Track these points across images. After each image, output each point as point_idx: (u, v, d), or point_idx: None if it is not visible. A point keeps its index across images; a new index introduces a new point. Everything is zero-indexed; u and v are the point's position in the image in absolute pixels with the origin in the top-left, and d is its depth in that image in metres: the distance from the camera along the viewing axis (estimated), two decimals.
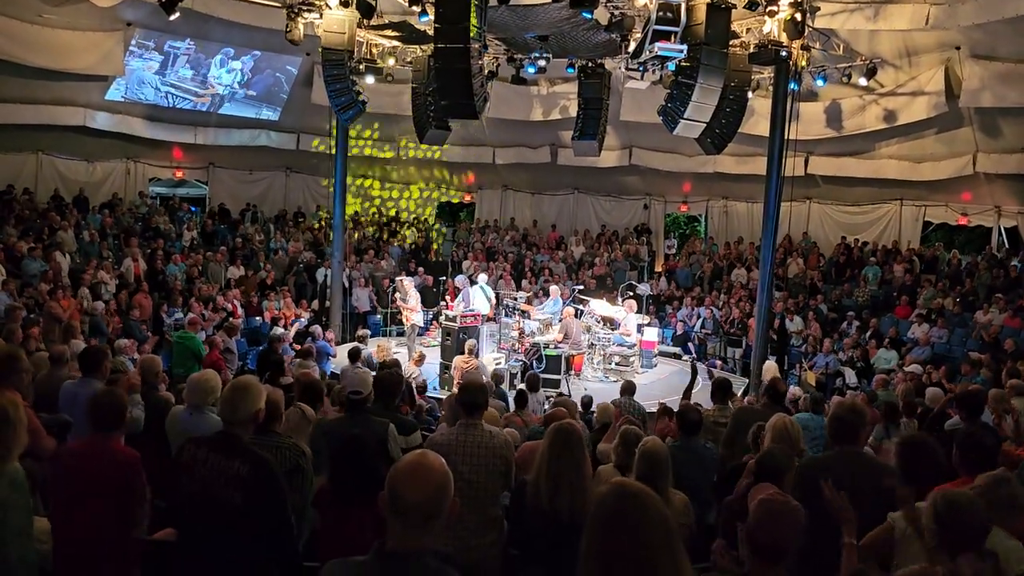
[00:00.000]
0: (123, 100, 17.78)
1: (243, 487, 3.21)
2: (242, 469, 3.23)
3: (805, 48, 12.95)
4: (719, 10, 11.16)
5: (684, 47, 11.24)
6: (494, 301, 14.86)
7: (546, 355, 12.75)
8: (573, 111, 17.05)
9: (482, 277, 15.45)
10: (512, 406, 8.81)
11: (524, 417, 8.04)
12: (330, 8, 13.02)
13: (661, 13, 11.11)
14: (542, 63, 15.26)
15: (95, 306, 12.75)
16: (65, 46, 15.35)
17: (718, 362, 16.08)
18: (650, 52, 11.63)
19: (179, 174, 20.83)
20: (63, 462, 3.74)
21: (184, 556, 3.42)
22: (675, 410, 6.19)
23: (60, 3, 13.83)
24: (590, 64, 15.64)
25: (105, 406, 3.78)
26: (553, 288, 15.80)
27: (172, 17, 12.92)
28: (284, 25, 13.71)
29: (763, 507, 2.69)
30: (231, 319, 13.39)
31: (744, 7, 11.87)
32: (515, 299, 15.43)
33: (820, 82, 15.35)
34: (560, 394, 10.76)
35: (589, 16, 12.21)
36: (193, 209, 20.54)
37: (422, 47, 15.27)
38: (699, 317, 17.14)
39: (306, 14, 13.60)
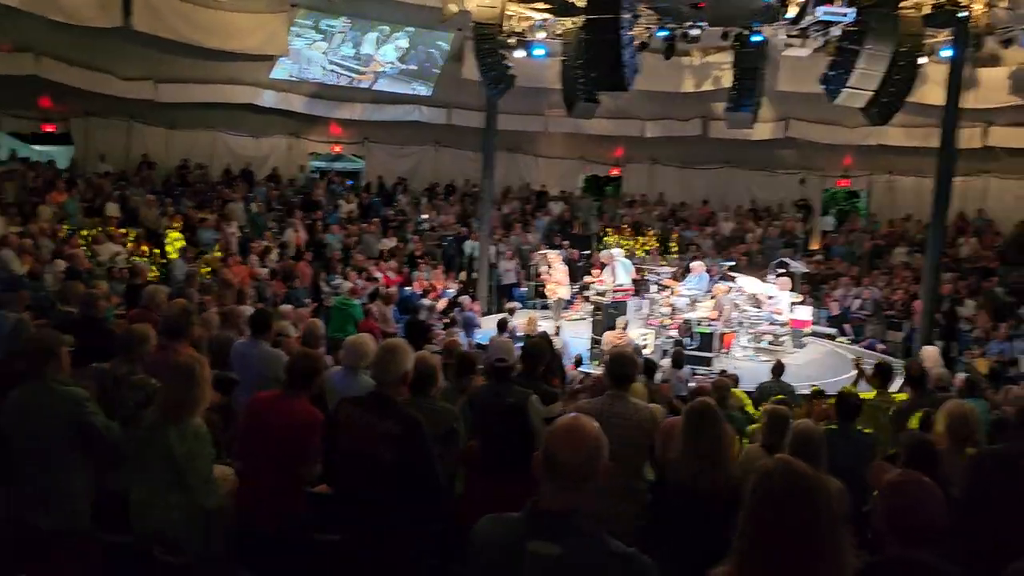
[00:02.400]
0: (289, 79, 18.73)
1: (395, 445, 3.33)
2: (394, 428, 3.35)
3: (989, 6, 11.84)
4: None
5: (850, 10, 10.59)
6: (634, 275, 14.69)
7: (698, 332, 12.46)
8: (726, 82, 16.45)
9: (618, 251, 15.26)
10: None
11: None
12: None
13: None
14: (695, 32, 14.76)
15: (260, 272, 13.63)
16: (236, 28, 16.28)
17: (879, 344, 15.20)
18: (813, 17, 11.03)
19: (336, 149, 21.82)
20: (254, 413, 3.99)
21: (340, 508, 3.60)
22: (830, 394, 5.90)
23: None
24: (746, 32, 14.99)
25: (299, 369, 3.99)
26: (695, 264, 15.36)
27: None
28: (438, 1, 13.98)
29: (892, 486, 2.54)
30: (387, 288, 13.93)
31: None
32: (658, 274, 15.17)
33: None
34: (723, 372, 10.46)
35: None
36: (349, 182, 21.46)
37: (572, 19, 15.16)
38: (858, 298, 16.22)
39: None
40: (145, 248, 13.42)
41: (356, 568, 3.49)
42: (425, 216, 19.76)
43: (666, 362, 10.40)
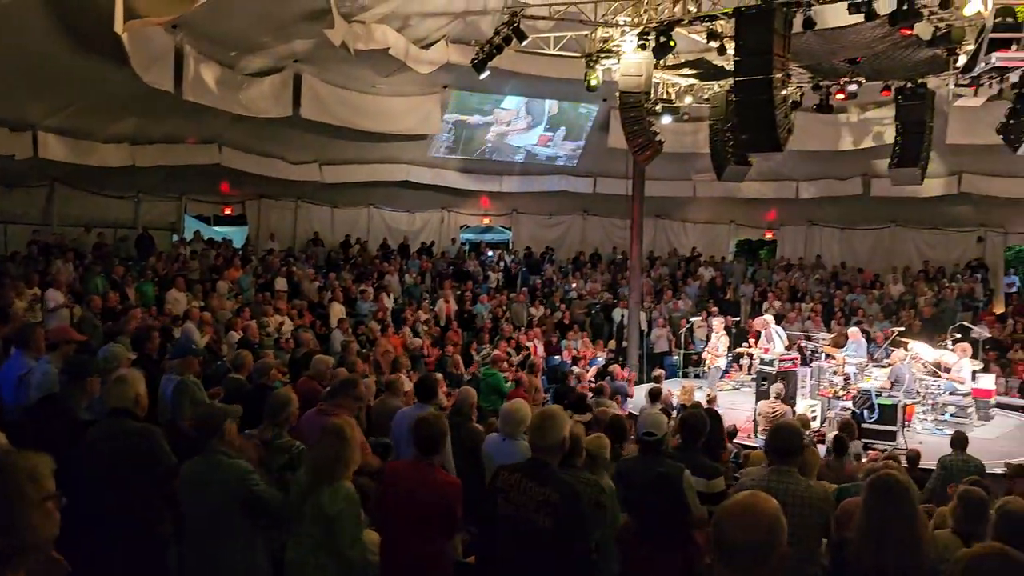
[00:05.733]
0: (439, 156, 19.53)
1: (554, 513, 3.30)
2: (552, 496, 3.32)
3: None
4: None
5: None
6: (787, 342, 13.97)
7: (880, 404, 11.55)
8: (888, 137, 15.68)
9: (770, 317, 14.58)
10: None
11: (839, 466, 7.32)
12: (627, 53, 13.26)
13: (999, 19, 9.78)
14: (853, 88, 14.18)
15: (415, 342, 14.00)
16: (391, 111, 17.27)
17: None
18: (985, 64, 10.28)
19: (486, 221, 22.43)
20: (391, 481, 4.01)
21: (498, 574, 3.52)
22: None
23: (390, 74, 15.61)
24: (909, 84, 14.24)
25: (427, 431, 4.00)
26: (852, 330, 14.48)
27: (482, 76, 14.03)
28: (582, 74, 14.23)
29: None
30: (533, 358, 13.93)
31: None
32: (815, 342, 14.32)
33: None
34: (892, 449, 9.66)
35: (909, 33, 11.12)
36: (490, 254, 21.93)
37: (719, 83, 14.99)
38: None
39: (604, 61, 14.00)
40: (306, 320, 14.13)
41: None
42: (573, 284, 19.79)
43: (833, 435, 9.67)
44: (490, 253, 22.01)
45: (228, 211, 18.84)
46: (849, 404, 11.94)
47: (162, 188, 16.89)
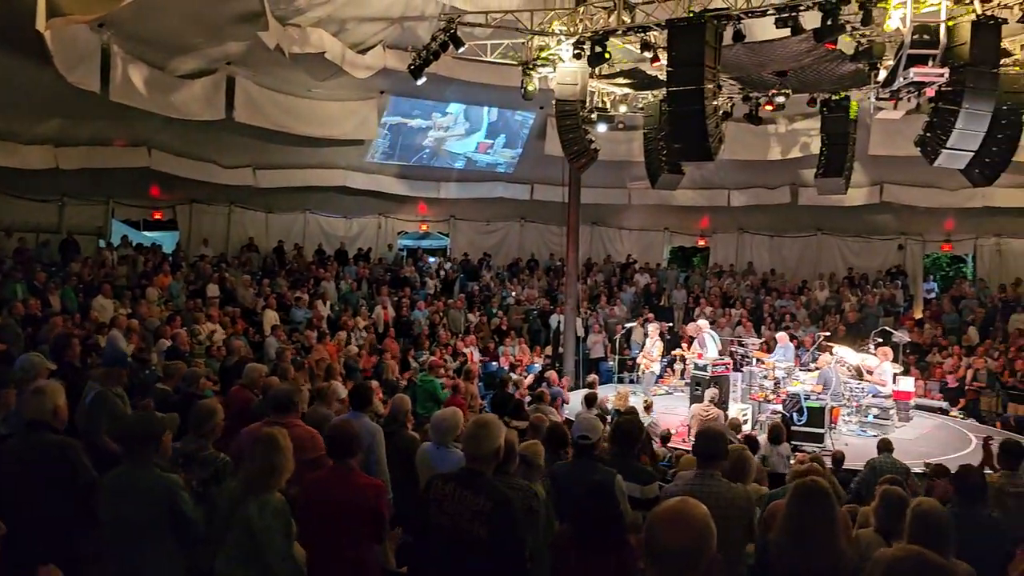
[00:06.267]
0: (376, 161, 19.39)
1: (488, 522, 3.31)
2: (486, 505, 3.34)
3: None
4: (986, 26, 10.02)
5: (945, 70, 10.23)
6: (720, 347, 14.31)
7: (808, 407, 11.88)
8: (815, 148, 16.18)
9: (704, 322, 14.91)
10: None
11: None
12: (563, 61, 13.40)
13: (917, 36, 10.19)
14: (781, 100, 14.62)
15: (351, 350, 13.85)
16: (328, 116, 17.08)
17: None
18: (904, 79, 10.70)
19: (424, 227, 22.36)
20: (310, 491, 3.97)
21: None
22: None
23: (326, 78, 15.44)
24: (833, 97, 14.74)
25: (338, 435, 4.00)
26: (779, 335, 14.99)
27: (419, 82, 14.00)
28: (519, 82, 14.32)
29: None
30: (469, 364, 13.93)
31: (1017, 21, 10.60)
32: (745, 346, 14.69)
33: None
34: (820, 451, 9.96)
35: (833, 47, 11.53)
36: (432, 260, 21.88)
37: (653, 92, 15.27)
38: (970, 368, 15.25)
39: (540, 69, 14.12)
40: (240, 327, 13.84)
41: None
42: (513, 292, 19.86)
43: (763, 437, 9.93)
44: (432, 259, 21.93)
45: (158, 216, 18.33)
46: (779, 407, 12.25)
47: (88, 191, 16.35)
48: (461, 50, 13.24)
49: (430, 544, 3.54)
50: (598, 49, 12.19)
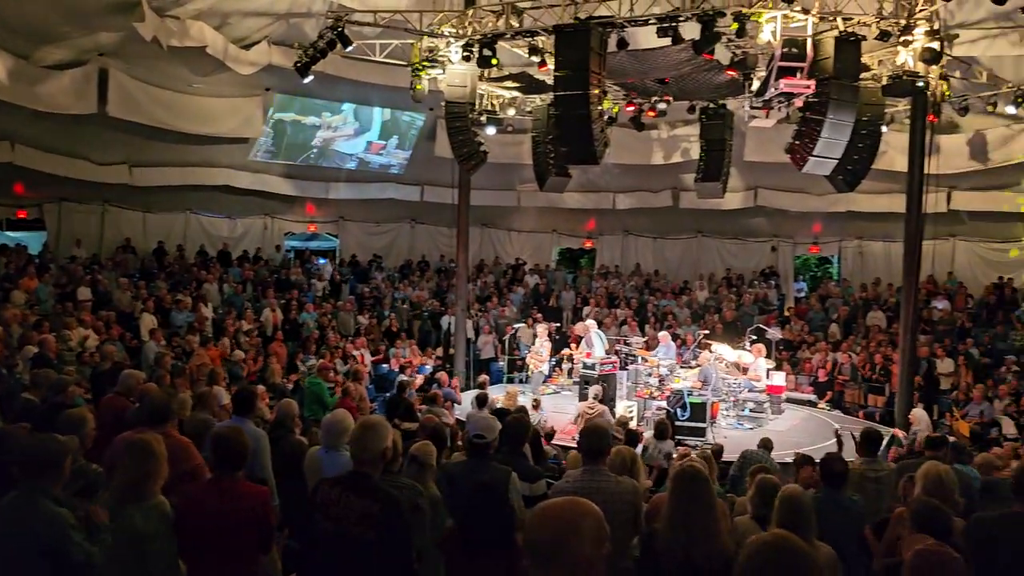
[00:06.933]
0: (261, 160, 18.86)
1: (375, 525, 3.29)
2: (373, 508, 3.31)
3: (944, 78, 12.30)
4: (848, 43, 10.79)
5: (811, 82, 10.91)
6: (607, 346, 14.71)
7: (690, 403, 12.36)
8: (695, 154, 16.83)
9: (592, 323, 15.29)
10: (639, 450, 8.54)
11: None
12: (452, 63, 13.44)
13: (786, 49, 10.85)
14: (662, 106, 15.15)
15: (237, 354, 13.42)
16: (210, 112, 16.48)
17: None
18: (775, 89, 11.34)
19: (312, 228, 21.89)
20: (189, 504, 3.76)
21: None
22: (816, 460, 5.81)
23: (208, 73, 14.91)
24: (711, 105, 15.41)
25: (229, 445, 3.83)
26: (662, 334, 15.54)
27: (306, 80, 13.70)
28: (408, 82, 14.26)
29: (921, 558, 2.45)
30: (357, 366, 13.76)
31: (875, 38, 11.41)
32: (630, 345, 15.15)
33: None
34: (701, 445, 10.42)
35: (711, 57, 12.05)
36: (321, 260, 21.44)
37: (541, 96, 15.52)
38: (835, 363, 16.27)
39: (430, 70, 14.10)
40: (115, 332, 13.19)
41: None
42: (404, 294, 19.73)
43: (648, 434, 10.27)
44: (322, 260, 21.45)
45: (23, 215, 17.18)
46: (664, 404, 12.71)
47: None
48: (349, 49, 13.06)
49: (316, 550, 3.49)
50: (487, 52, 12.30)
